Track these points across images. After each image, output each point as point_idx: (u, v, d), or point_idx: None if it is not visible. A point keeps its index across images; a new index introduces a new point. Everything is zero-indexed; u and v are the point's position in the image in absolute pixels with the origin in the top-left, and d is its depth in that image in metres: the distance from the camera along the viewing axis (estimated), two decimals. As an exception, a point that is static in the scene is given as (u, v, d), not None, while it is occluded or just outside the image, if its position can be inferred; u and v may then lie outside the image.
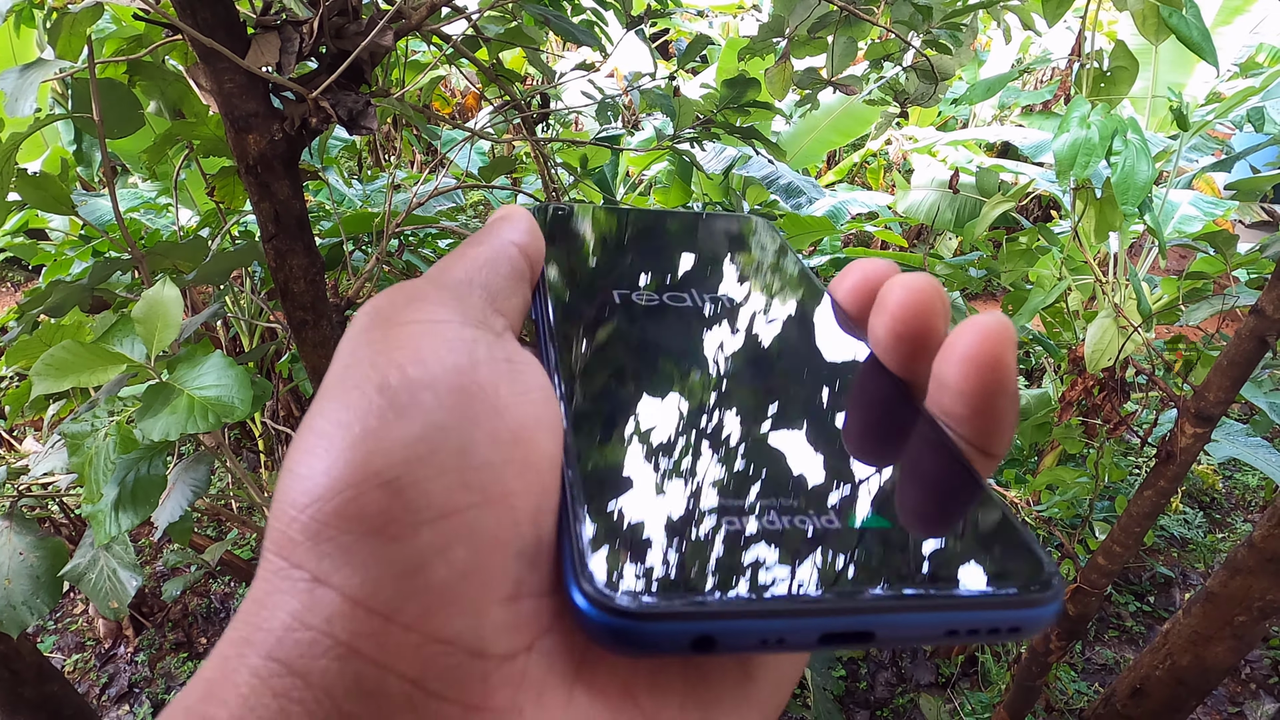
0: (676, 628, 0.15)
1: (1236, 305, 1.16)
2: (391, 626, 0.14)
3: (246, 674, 0.14)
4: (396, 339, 0.17)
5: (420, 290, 0.19)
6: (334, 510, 0.15)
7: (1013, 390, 0.19)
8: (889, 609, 0.15)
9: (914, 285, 0.20)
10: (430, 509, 0.15)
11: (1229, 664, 0.99)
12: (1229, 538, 2.21)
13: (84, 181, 1.85)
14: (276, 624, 0.14)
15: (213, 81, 0.68)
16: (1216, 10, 2.55)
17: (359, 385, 0.16)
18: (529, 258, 0.22)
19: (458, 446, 0.16)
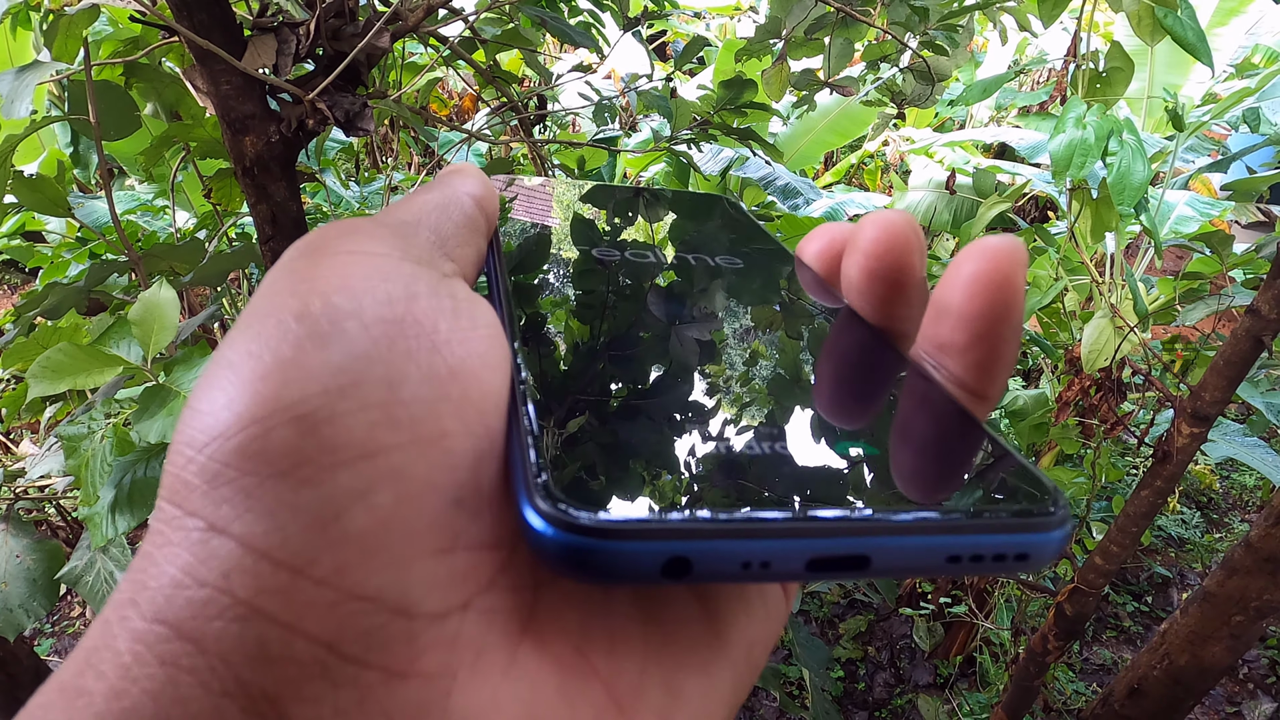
0: (647, 548, 0.13)
1: (1232, 305, 1.16)
2: (301, 581, 0.12)
3: (128, 639, 0.12)
4: (325, 267, 0.15)
5: (360, 225, 0.17)
6: (236, 448, 0.13)
7: (1018, 319, 0.18)
8: (884, 530, 0.14)
9: (888, 221, 0.19)
10: (350, 448, 0.13)
11: (1226, 664, 0.99)
12: (1226, 538, 2.21)
13: (81, 184, 1.84)
14: (165, 580, 0.12)
15: (209, 83, 0.68)
16: (1212, 11, 2.56)
17: (275, 313, 0.14)
18: (484, 210, 0.21)
19: (384, 379, 0.14)
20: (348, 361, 0.14)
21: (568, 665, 0.14)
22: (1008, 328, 0.17)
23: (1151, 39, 0.98)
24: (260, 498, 0.12)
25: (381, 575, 0.13)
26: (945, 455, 0.17)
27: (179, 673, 0.12)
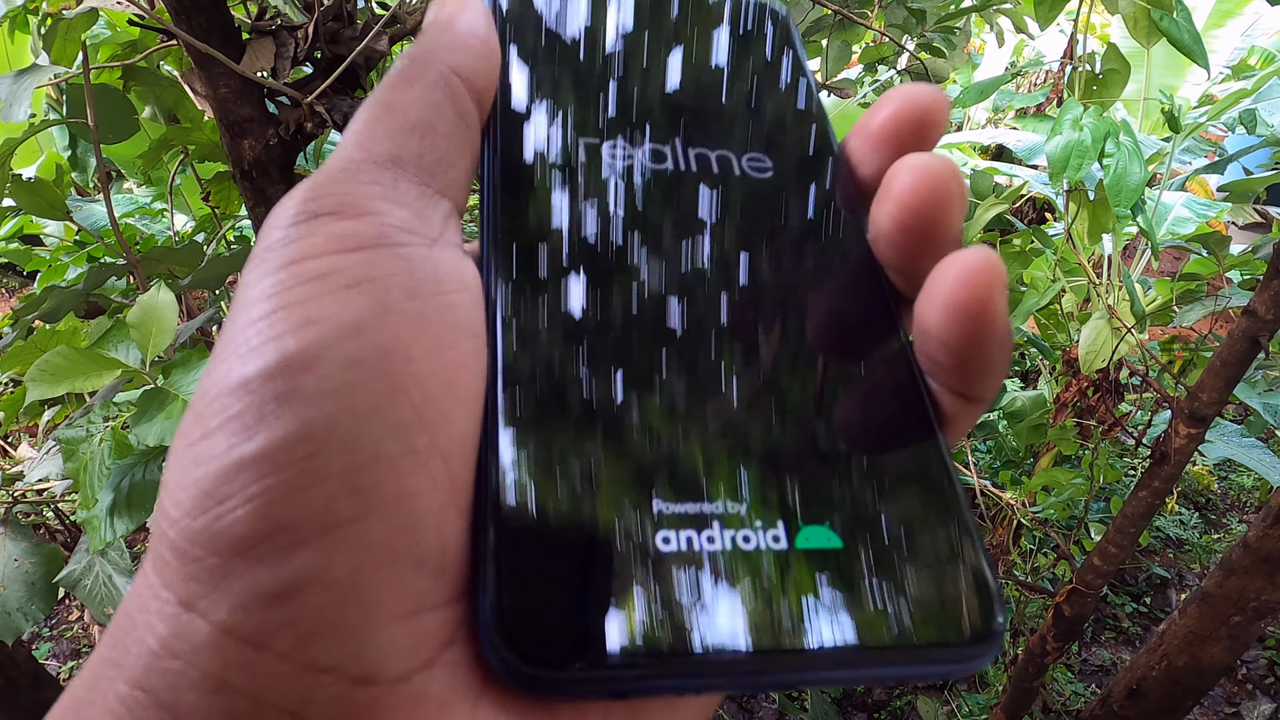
0: (596, 685, 0.14)
1: (1229, 306, 1.16)
2: (264, 656, 0.13)
3: (113, 699, 0.13)
4: (295, 280, 0.15)
5: (348, 177, 0.16)
6: (200, 529, 0.13)
7: (1003, 336, 0.17)
8: (820, 665, 0.15)
9: (927, 168, 0.17)
10: (307, 525, 0.13)
11: (1225, 664, 0.99)
12: (1224, 538, 2.21)
13: (79, 187, 1.84)
14: (145, 650, 0.13)
15: (208, 87, 0.68)
16: (1208, 13, 2.56)
17: (232, 372, 0.14)
18: (477, 90, 0.19)
19: (345, 442, 0.14)
20: (303, 431, 0.14)
21: (531, 715, 0.15)
22: (992, 349, 0.17)
23: (1148, 41, 0.98)
24: (223, 577, 0.13)
25: (341, 648, 0.13)
26: (907, 553, 0.16)
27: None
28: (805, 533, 0.16)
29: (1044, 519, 1.57)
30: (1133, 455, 2.20)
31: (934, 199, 0.17)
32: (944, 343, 0.17)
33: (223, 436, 0.14)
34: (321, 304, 0.15)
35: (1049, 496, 1.54)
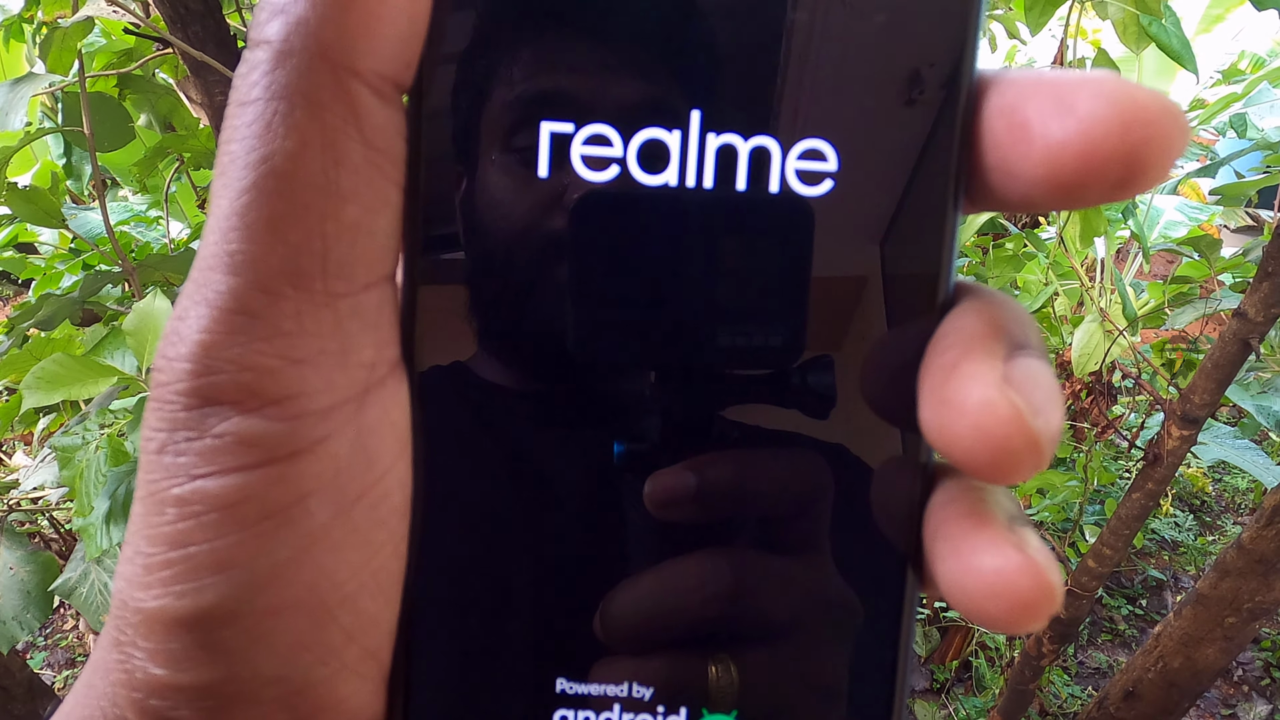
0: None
1: (1221, 309, 1.17)
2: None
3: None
4: (202, 507, 0.13)
5: (242, 327, 0.13)
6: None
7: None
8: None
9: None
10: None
11: (1220, 666, 0.99)
12: (1219, 540, 2.22)
13: (74, 195, 1.84)
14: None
15: (203, 94, 0.69)
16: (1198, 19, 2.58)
17: (150, 598, 0.14)
18: (397, 86, 0.14)
19: (273, 680, 0.14)
20: (231, 676, 0.14)
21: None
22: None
23: (1137, 46, 0.99)
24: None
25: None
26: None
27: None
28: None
29: (1039, 521, 1.57)
30: (1126, 458, 2.21)
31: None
32: (955, 608, 0.14)
33: (160, 659, 0.14)
34: (233, 545, 0.13)
35: (1043, 499, 1.55)
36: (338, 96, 0.13)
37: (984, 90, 0.13)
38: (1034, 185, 0.13)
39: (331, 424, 0.14)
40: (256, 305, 0.13)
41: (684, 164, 0.13)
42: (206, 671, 0.14)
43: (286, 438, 0.13)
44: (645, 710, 0.15)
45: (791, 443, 0.14)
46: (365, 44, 0.13)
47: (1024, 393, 0.13)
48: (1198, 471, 2.27)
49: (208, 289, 0.14)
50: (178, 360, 0.14)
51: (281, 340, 0.13)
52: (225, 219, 0.13)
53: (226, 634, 0.14)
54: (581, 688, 0.15)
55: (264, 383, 0.13)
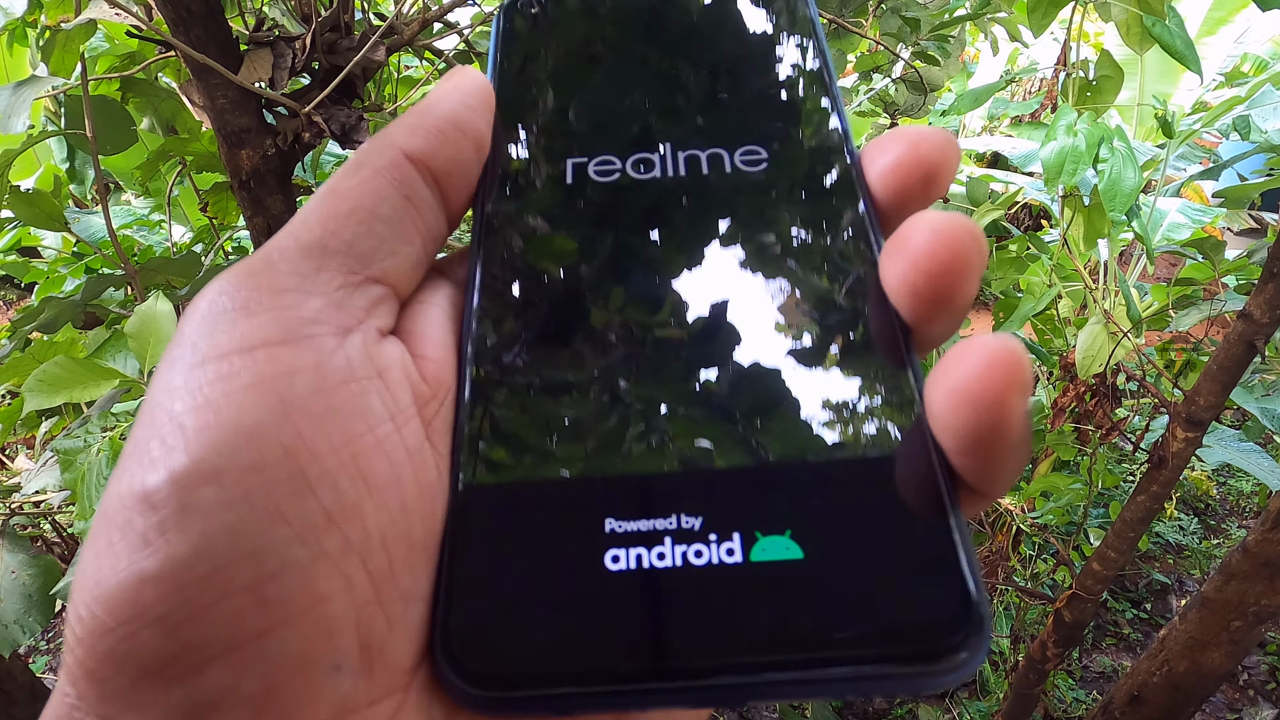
0: (542, 703, 0.14)
1: (1225, 311, 1.17)
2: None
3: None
4: (196, 383, 0.15)
5: (268, 269, 0.17)
6: (107, 650, 0.13)
7: (1018, 438, 0.15)
8: (778, 684, 0.14)
9: (948, 231, 0.16)
10: (215, 643, 0.13)
11: (1226, 670, 0.99)
12: (1224, 543, 2.21)
13: (77, 199, 1.85)
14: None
15: (206, 97, 0.69)
16: (1200, 21, 2.58)
17: (134, 481, 0.14)
18: (437, 172, 0.19)
19: (248, 555, 0.13)
20: (204, 545, 0.13)
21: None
22: (1003, 448, 0.15)
23: (1140, 47, 0.99)
24: (134, 696, 0.13)
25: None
26: (877, 560, 0.15)
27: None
28: (763, 544, 0.15)
29: (1043, 525, 1.56)
30: (1131, 460, 2.20)
31: (952, 265, 0.16)
32: (950, 430, 0.15)
33: (125, 551, 0.13)
34: (220, 407, 0.14)
35: (1048, 502, 1.54)
36: (394, 165, 0.18)
37: None
38: (881, 204, 0.19)
39: (319, 330, 0.16)
40: (289, 254, 0.17)
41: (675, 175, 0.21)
42: (178, 543, 0.13)
43: (281, 329, 0.16)
44: (698, 539, 0.15)
45: None
46: (423, 147, 0.18)
47: None
48: (1202, 475, 2.27)
49: (251, 256, 0.17)
50: (208, 291, 0.17)
51: (296, 277, 0.17)
52: (290, 222, 0.18)
53: (205, 492, 0.14)
54: (630, 525, 0.16)
55: (271, 297, 0.16)
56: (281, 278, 0.16)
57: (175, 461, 0.14)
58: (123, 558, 0.13)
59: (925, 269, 0.16)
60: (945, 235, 0.16)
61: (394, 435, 0.16)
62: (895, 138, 0.19)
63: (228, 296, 0.16)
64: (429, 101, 0.19)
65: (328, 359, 0.16)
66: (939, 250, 0.16)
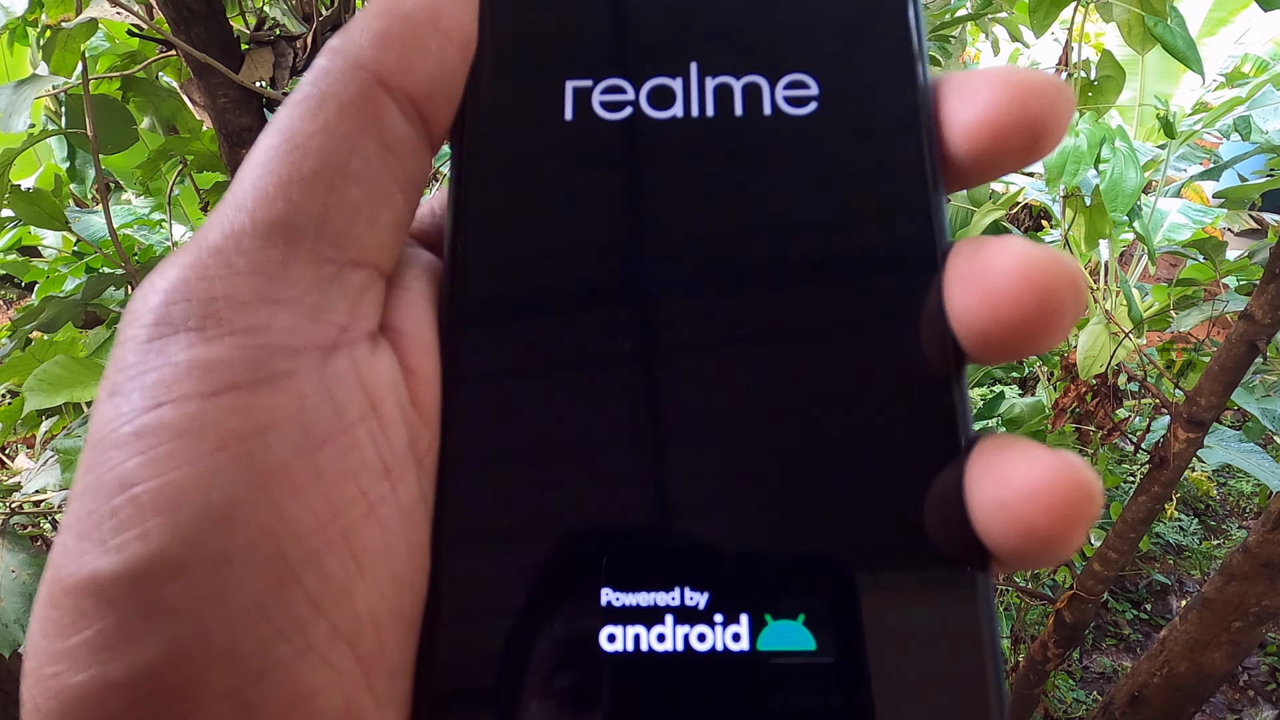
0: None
1: (1226, 311, 1.17)
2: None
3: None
4: (149, 439, 0.12)
5: (222, 267, 0.13)
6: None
7: (1075, 549, 0.13)
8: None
9: (1037, 273, 0.13)
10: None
11: (1226, 670, 0.99)
12: (1224, 544, 2.21)
13: (77, 198, 1.85)
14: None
15: (206, 97, 0.69)
16: (1201, 22, 2.58)
17: (85, 564, 0.12)
18: (413, 96, 0.15)
19: (226, 658, 0.12)
20: (175, 652, 0.12)
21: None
22: (1055, 561, 0.13)
23: (1142, 47, 0.99)
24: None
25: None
26: (891, 679, 0.14)
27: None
28: (772, 629, 0.14)
29: (1044, 525, 1.56)
30: (1132, 461, 2.20)
31: (1039, 318, 0.13)
32: (994, 540, 0.13)
33: (86, 651, 0.12)
34: (182, 479, 0.12)
35: (1048, 503, 1.54)
36: (364, 99, 0.14)
37: None
38: (965, 164, 0.15)
39: (297, 363, 0.13)
40: (245, 245, 0.14)
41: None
42: (146, 649, 0.11)
43: (248, 366, 0.13)
44: (701, 620, 0.14)
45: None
46: (397, 64, 0.15)
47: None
48: (1202, 475, 2.27)
49: (200, 237, 0.14)
50: (151, 294, 0.14)
51: (260, 279, 0.13)
52: (238, 184, 0.14)
53: (172, 590, 0.12)
54: (629, 598, 0.14)
55: (233, 312, 0.13)
56: (241, 282, 0.13)
57: (132, 552, 0.12)
58: (82, 658, 0.12)
59: (1003, 316, 0.13)
60: (1036, 278, 0.13)
61: (389, 496, 0.14)
62: (991, 82, 0.14)
63: (177, 307, 0.13)
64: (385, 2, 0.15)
65: (310, 404, 0.13)
66: (1025, 296, 0.13)
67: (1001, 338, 0.14)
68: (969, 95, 0.15)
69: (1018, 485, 0.13)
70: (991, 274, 0.13)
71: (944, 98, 0.15)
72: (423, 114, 0.15)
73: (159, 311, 0.13)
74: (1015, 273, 0.13)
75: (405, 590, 0.14)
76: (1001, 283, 0.13)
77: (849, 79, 0.15)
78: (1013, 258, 0.13)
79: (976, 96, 0.15)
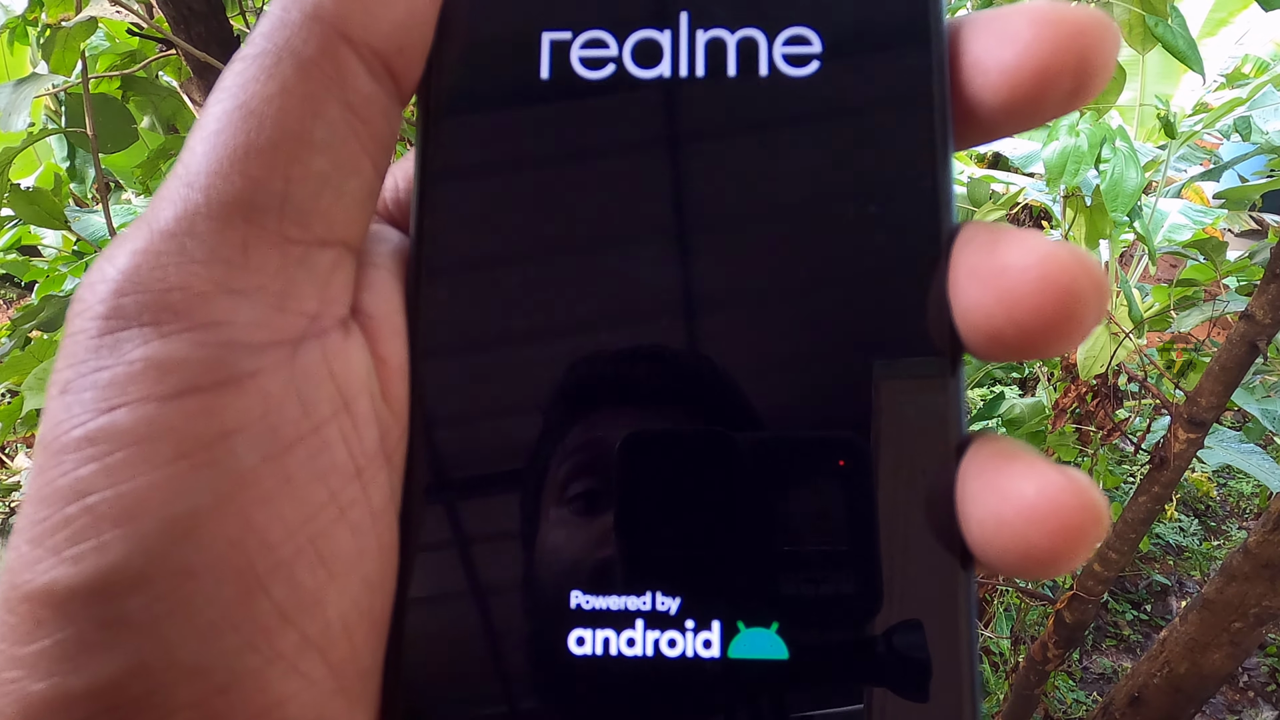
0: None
1: (1227, 312, 1.17)
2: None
3: None
4: (105, 446, 0.11)
5: (177, 253, 0.12)
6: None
7: (1067, 570, 0.13)
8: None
9: (1056, 269, 0.12)
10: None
11: (1226, 671, 0.99)
12: (1224, 545, 2.21)
13: (77, 198, 1.85)
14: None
15: (207, 96, 0.69)
16: (1201, 22, 2.58)
17: (40, 572, 0.11)
18: (379, 52, 0.13)
19: (191, 670, 0.11)
20: (139, 664, 0.11)
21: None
22: (1046, 576, 0.13)
23: (1143, 47, 0.99)
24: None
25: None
26: (867, 686, 0.13)
27: None
28: (745, 637, 0.13)
29: (1044, 526, 1.56)
30: (1132, 461, 2.20)
31: (1058, 318, 0.12)
32: (989, 556, 0.13)
33: (43, 660, 0.11)
34: (141, 489, 0.11)
35: (1048, 503, 1.54)
36: (326, 55, 0.13)
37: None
38: (1000, 111, 0.13)
39: (263, 360, 0.12)
40: (201, 228, 0.12)
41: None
42: (107, 662, 0.11)
43: (210, 365, 0.12)
44: (672, 626, 0.13)
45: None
46: (360, 15, 0.13)
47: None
48: (1202, 476, 2.27)
49: (151, 216, 0.13)
50: (100, 282, 0.12)
51: (220, 267, 0.12)
52: (189, 155, 0.13)
53: (134, 603, 0.11)
54: (599, 601, 0.13)
55: (191, 305, 0.12)
56: (198, 271, 0.12)
57: (89, 564, 0.11)
58: (41, 666, 0.11)
59: (1019, 318, 0.12)
60: (1059, 280, 0.12)
61: (360, 498, 0.13)
62: (1030, 20, 0.13)
63: (129, 299, 0.12)
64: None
65: (278, 404, 0.12)
66: (1046, 299, 0.12)
67: (1014, 340, 0.13)
68: (1004, 36, 0.13)
69: (1019, 503, 0.12)
70: (1010, 273, 0.12)
71: (971, 39, 0.14)
72: (390, 69, 0.14)
73: (109, 304, 0.12)
74: (1035, 272, 0.12)
75: (378, 592, 0.13)
76: (1019, 282, 0.12)
77: (853, 35, 0.14)
78: (1033, 256, 0.12)
79: (1014, 37, 0.13)
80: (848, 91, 0.14)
